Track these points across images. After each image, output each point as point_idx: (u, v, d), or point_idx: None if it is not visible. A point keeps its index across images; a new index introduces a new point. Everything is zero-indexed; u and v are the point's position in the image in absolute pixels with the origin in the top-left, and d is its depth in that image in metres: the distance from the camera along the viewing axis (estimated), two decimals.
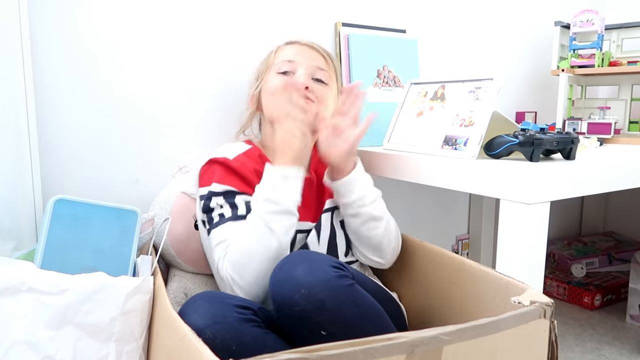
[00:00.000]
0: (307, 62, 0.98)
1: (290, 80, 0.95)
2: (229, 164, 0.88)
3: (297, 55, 0.98)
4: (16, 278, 0.66)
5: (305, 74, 0.97)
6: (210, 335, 0.64)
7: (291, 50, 1.00)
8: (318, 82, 0.98)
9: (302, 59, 0.98)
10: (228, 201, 0.85)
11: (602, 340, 1.38)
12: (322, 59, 1.01)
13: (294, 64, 0.97)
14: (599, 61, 1.46)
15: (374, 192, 0.93)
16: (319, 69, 0.98)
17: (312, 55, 1.00)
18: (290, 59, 0.98)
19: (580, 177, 0.89)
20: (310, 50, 1.00)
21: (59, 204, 0.77)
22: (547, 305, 0.65)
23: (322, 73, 0.99)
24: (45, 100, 0.96)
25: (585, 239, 1.86)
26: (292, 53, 0.99)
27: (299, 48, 1.00)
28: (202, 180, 0.90)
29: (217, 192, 0.86)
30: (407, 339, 0.54)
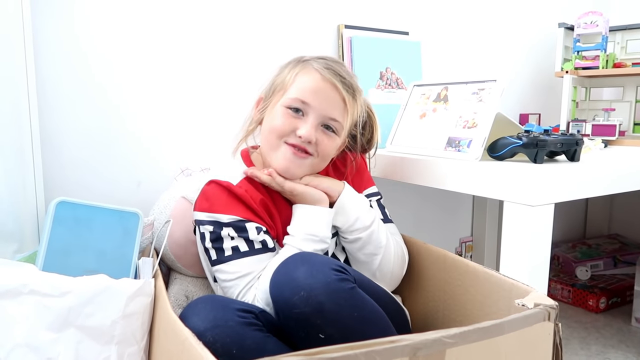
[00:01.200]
0: (321, 110, 0.84)
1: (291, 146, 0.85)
2: (233, 190, 0.82)
3: (314, 97, 0.84)
4: (18, 280, 0.66)
5: (315, 123, 0.84)
6: (211, 339, 0.63)
7: (312, 84, 0.85)
8: (326, 131, 0.86)
9: (318, 104, 0.84)
10: (241, 235, 0.80)
11: (607, 343, 1.37)
12: (342, 104, 0.86)
13: (306, 107, 0.84)
14: (603, 63, 1.45)
15: (366, 217, 0.88)
16: (332, 120, 0.85)
17: (331, 100, 0.85)
18: (305, 99, 0.84)
19: (585, 178, 0.88)
20: (332, 92, 0.85)
21: (61, 206, 0.77)
22: (552, 307, 0.64)
23: (336, 124, 0.86)
24: (47, 104, 0.96)
25: (590, 242, 1.85)
26: (311, 91, 0.84)
27: (321, 86, 0.85)
28: (204, 203, 0.83)
29: (225, 223, 0.80)
30: (409, 342, 0.53)
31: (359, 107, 0.90)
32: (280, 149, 0.85)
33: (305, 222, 0.83)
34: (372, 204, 0.96)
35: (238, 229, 0.80)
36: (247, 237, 0.80)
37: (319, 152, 0.86)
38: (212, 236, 0.81)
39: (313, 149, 0.85)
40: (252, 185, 0.85)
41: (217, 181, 0.83)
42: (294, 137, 0.84)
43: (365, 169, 1.00)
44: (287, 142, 0.84)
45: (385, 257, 0.89)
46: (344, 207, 0.88)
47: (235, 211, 0.81)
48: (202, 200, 0.83)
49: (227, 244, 0.80)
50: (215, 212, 0.81)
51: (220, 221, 0.80)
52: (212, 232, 0.81)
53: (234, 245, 0.80)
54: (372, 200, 0.97)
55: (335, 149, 0.90)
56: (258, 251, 0.81)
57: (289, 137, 0.84)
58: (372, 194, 0.98)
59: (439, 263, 0.91)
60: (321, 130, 0.85)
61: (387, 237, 0.90)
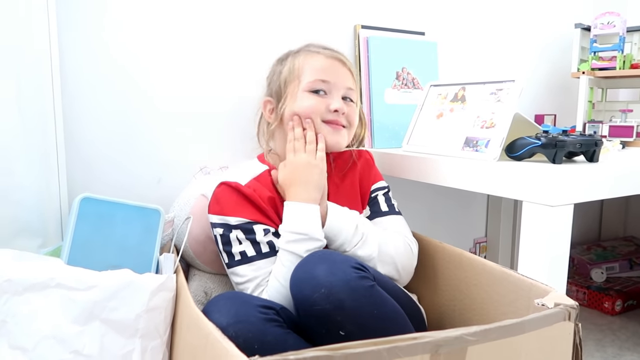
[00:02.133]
0: (340, 83, 0.92)
1: (325, 105, 0.91)
2: (241, 190, 0.85)
3: (330, 74, 0.92)
4: (45, 274, 0.67)
5: (339, 97, 0.92)
6: (233, 334, 0.64)
7: (322, 64, 0.93)
8: (347, 102, 0.94)
9: (336, 79, 0.92)
10: (248, 237, 0.83)
11: (623, 346, 1.36)
12: (351, 76, 0.95)
13: (328, 85, 0.92)
14: (620, 63, 1.44)
15: (354, 236, 0.85)
16: (349, 89, 0.94)
17: (343, 73, 0.94)
18: (324, 78, 0.91)
19: (605, 179, 0.88)
20: (341, 67, 0.94)
21: (85, 202, 0.78)
22: (572, 307, 0.64)
23: (352, 92, 0.95)
24: (71, 102, 0.98)
25: (605, 244, 1.83)
26: (325, 70, 0.92)
27: (330, 63, 0.93)
28: (215, 205, 0.86)
29: (233, 225, 0.83)
30: (432, 339, 0.54)
31: (357, 72, 1.01)
32: (321, 129, 0.91)
33: (292, 220, 0.83)
34: (379, 197, 0.98)
35: (246, 231, 0.83)
36: (255, 239, 0.83)
37: (349, 122, 0.94)
38: (223, 239, 0.84)
39: (345, 121, 0.93)
40: (260, 184, 0.88)
41: (226, 183, 0.86)
42: (329, 113, 0.91)
43: (373, 164, 1.01)
44: (324, 121, 0.91)
45: (381, 261, 0.87)
46: (331, 230, 0.85)
47: (244, 213, 0.84)
48: (213, 203, 0.87)
49: (236, 249, 0.83)
50: (225, 215, 0.84)
51: (229, 223, 0.83)
52: (222, 235, 0.84)
53: (242, 250, 0.83)
54: (379, 193, 0.98)
55: (357, 116, 0.97)
56: (265, 255, 0.83)
57: (324, 115, 0.91)
58: (378, 188, 0.99)
59: (455, 262, 0.91)
60: (343, 102, 0.93)
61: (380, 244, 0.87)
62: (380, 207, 0.96)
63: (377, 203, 0.97)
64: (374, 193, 0.98)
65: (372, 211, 0.96)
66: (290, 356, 0.48)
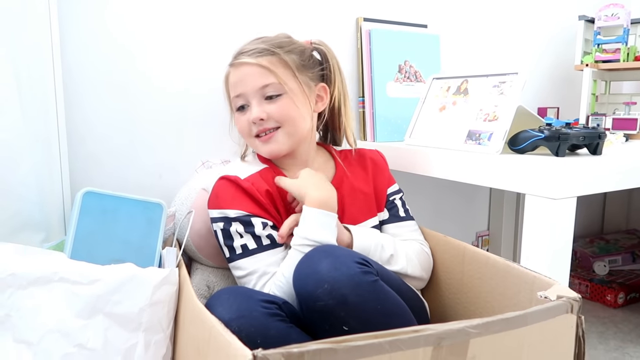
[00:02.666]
0: (250, 89, 0.87)
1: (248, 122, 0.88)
2: (240, 184, 0.84)
3: (241, 85, 0.87)
4: (48, 268, 0.68)
5: (256, 103, 0.87)
6: (236, 328, 0.64)
7: (234, 79, 0.89)
8: (271, 100, 0.87)
9: (246, 87, 0.87)
10: (248, 231, 0.82)
11: (625, 338, 1.36)
12: (261, 69, 0.86)
13: (245, 97, 0.88)
14: (624, 56, 1.44)
15: (382, 254, 0.87)
16: (265, 86, 0.86)
17: (252, 74, 0.86)
18: (237, 93, 0.88)
19: (608, 172, 0.88)
20: (248, 68, 0.87)
21: (88, 196, 0.78)
22: (575, 300, 0.64)
23: (271, 87, 0.86)
24: (73, 96, 0.98)
25: (608, 237, 1.83)
26: (236, 83, 0.88)
27: (239, 73, 0.88)
28: (214, 200, 0.86)
29: (232, 218, 0.83)
30: (434, 332, 0.54)
31: (287, 54, 0.88)
32: (255, 145, 0.90)
33: (309, 228, 0.81)
34: (396, 201, 0.98)
35: (245, 224, 0.83)
36: (254, 232, 0.82)
37: (280, 120, 0.87)
38: (224, 234, 0.84)
39: (272, 123, 0.87)
40: (260, 177, 0.87)
41: (225, 176, 0.86)
42: (253, 126, 0.88)
43: (386, 167, 1.01)
44: (255, 136, 0.89)
45: (409, 275, 0.90)
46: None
47: (242, 205, 0.83)
48: (213, 198, 0.86)
49: (237, 242, 0.83)
50: (224, 208, 0.84)
51: (228, 216, 0.83)
52: (222, 229, 0.84)
53: (243, 243, 0.82)
54: (396, 197, 0.98)
55: (298, 107, 0.88)
56: (266, 247, 0.83)
57: (252, 130, 0.88)
58: (394, 192, 0.99)
59: (458, 256, 0.91)
60: (266, 103, 0.87)
61: (408, 258, 0.90)
62: (399, 212, 0.98)
63: (396, 207, 0.98)
64: (391, 197, 0.98)
65: (390, 215, 0.97)
66: (294, 349, 0.49)
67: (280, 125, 0.87)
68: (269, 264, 0.81)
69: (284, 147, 0.89)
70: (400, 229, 0.96)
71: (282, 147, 0.89)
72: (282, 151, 0.89)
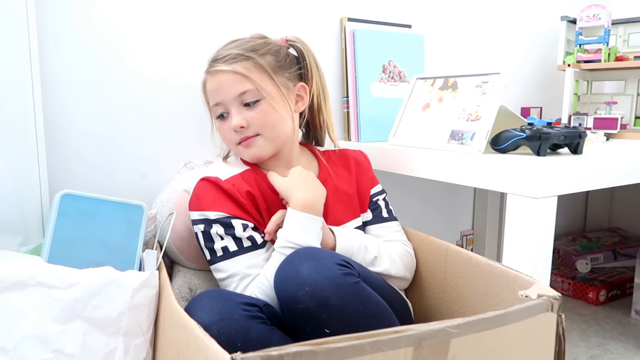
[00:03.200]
0: (229, 96, 0.86)
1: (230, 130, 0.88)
2: (220, 185, 0.83)
3: (218, 94, 0.87)
4: (25, 272, 0.66)
5: (235, 111, 0.86)
6: (216, 332, 0.64)
7: (211, 87, 0.88)
8: (250, 107, 0.86)
9: (224, 95, 0.86)
10: (228, 233, 0.81)
11: (607, 335, 1.38)
12: (238, 76, 0.85)
13: (224, 105, 0.87)
14: (605, 56, 1.45)
15: (365, 256, 0.87)
16: (242, 93, 0.85)
17: (229, 82, 0.85)
18: (216, 101, 0.88)
19: (588, 171, 0.88)
20: (224, 76, 0.86)
21: (66, 198, 0.77)
22: (555, 298, 0.64)
23: (248, 94, 0.85)
24: (52, 96, 0.96)
25: (590, 235, 1.86)
26: (214, 92, 0.88)
27: (215, 81, 0.87)
28: (195, 202, 0.85)
29: (213, 220, 0.82)
30: (415, 332, 0.54)
31: (262, 57, 0.87)
32: (239, 151, 0.90)
33: (293, 232, 0.80)
34: (380, 202, 0.98)
35: (225, 226, 0.82)
36: (235, 234, 0.82)
37: (261, 125, 0.86)
38: (205, 236, 0.83)
39: (252, 130, 0.87)
40: (241, 178, 0.87)
41: (206, 178, 0.85)
42: (235, 134, 0.87)
43: (369, 167, 1.01)
44: (238, 143, 0.88)
45: (392, 275, 0.90)
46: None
47: (222, 207, 0.82)
48: (193, 199, 0.86)
49: (218, 245, 0.82)
50: (204, 210, 0.83)
51: (209, 218, 0.82)
52: (203, 231, 0.83)
53: (224, 245, 0.82)
54: (379, 198, 0.98)
55: (277, 111, 0.87)
56: (247, 249, 0.82)
57: (235, 137, 0.88)
58: (378, 193, 0.99)
59: (441, 255, 0.91)
60: (245, 109, 0.86)
61: (391, 259, 0.90)
62: (382, 213, 0.98)
63: (379, 208, 0.98)
64: (374, 197, 0.98)
65: (374, 216, 0.97)
66: (273, 352, 0.48)
67: (260, 132, 0.87)
68: (250, 265, 0.81)
69: (266, 151, 0.89)
70: (383, 229, 0.96)
71: (264, 151, 0.88)
72: (265, 155, 0.89)
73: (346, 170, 0.97)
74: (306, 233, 0.80)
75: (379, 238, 0.94)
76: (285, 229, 0.80)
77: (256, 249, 0.82)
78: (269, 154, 0.89)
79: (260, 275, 0.80)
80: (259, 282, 0.79)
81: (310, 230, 0.80)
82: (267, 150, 0.88)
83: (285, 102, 0.89)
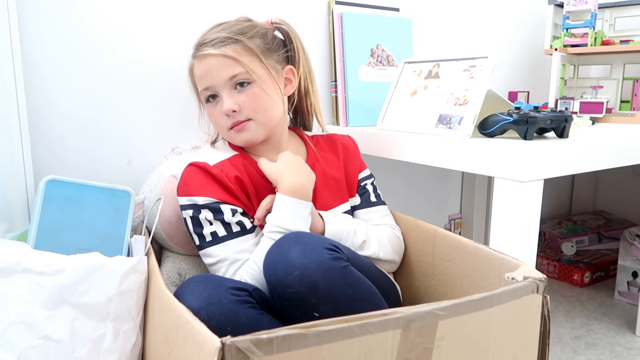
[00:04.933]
0: (219, 81, 0.84)
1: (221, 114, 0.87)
2: (208, 170, 0.83)
3: (208, 78, 0.85)
4: (11, 259, 0.66)
5: (227, 95, 0.85)
6: (205, 317, 0.64)
7: (200, 72, 0.86)
8: (241, 89, 0.85)
9: (214, 79, 0.85)
10: (217, 218, 0.81)
11: (591, 316, 1.41)
12: (228, 60, 0.84)
13: (213, 89, 0.86)
14: (591, 40, 1.46)
15: (354, 240, 0.88)
16: (233, 76, 0.84)
17: (218, 65, 0.84)
18: (205, 86, 0.86)
19: (574, 155, 0.89)
20: (213, 60, 0.84)
21: (51, 184, 0.76)
22: (540, 280, 0.66)
23: (239, 77, 0.84)
24: (35, 81, 0.94)
25: (576, 218, 1.88)
26: (203, 76, 0.86)
27: (203, 65, 0.85)
28: (183, 187, 0.84)
29: (201, 205, 0.81)
30: (402, 314, 0.55)
31: (251, 40, 0.86)
32: (230, 136, 0.88)
33: (282, 217, 0.80)
34: (368, 186, 0.99)
35: (214, 211, 0.81)
36: (223, 220, 0.81)
37: (252, 110, 0.85)
38: (193, 221, 0.82)
39: (244, 115, 0.86)
40: (229, 163, 0.86)
41: (194, 163, 0.84)
42: (227, 118, 0.86)
43: (357, 152, 1.01)
44: (230, 128, 0.87)
45: (381, 259, 0.91)
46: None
47: (211, 192, 0.82)
48: (181, 185, 0.85)
49: (207, 230, 0.82)
50: (193, 195, 0.82)
51: (197, 203, 0.82)
52: (192, 217, 0.82)
53: (212, 230, 0.82)
54: (367, 182, 0.99)
55: (268, 94, 0.87)
56: (236, 234, 0.82)
57: (227, 122, 0.86)
58: (366, 177, 0.99)
59: (429, 239, 0.92)
60: (236, 93, 0.85)
61: (380, 243, 0.91)
62: (370, 197, 0.98)
63: (367, 192, 0.98)
64: (362, 182, 0.99)
65: (362, 200, 0.98)
66: (263, 335, 0.48)
67: (251, 117, 0.86)
68: (239, 250, 0.81)
69: (258, 135, 0.88)
70: (371, 213, 0.97)
71: (256, 135, 0.88)
72: (257, 139, 0.88)
73: (334, 155, 0.97)
74: (295, 218, 0.80)
75: (367, 222, 0.94)
76: (274, 214, 0.80)
77: (245, 234, 0.82)
78: (261, 138, 0.88)
79: (249, 260, 0.80)
80: (248, 266, 0.79)
81: (299, 215, 0.80)
82: (260, 134, 0.88)
83: (275, 85, 0.88)
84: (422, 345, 0.57)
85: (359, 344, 0.52)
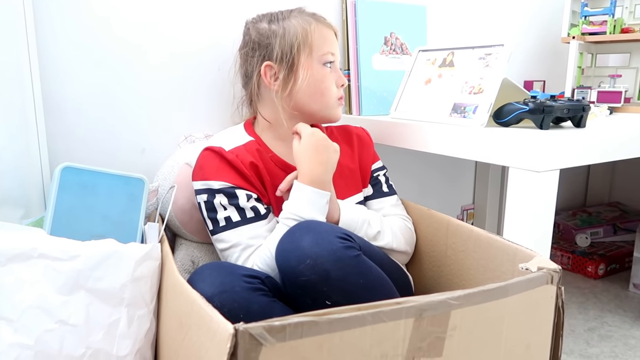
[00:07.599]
0: (338, 56, 0.94)
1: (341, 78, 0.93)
2: (224, 155, 0.83)
3: (332, 45, 0.92)
4: (27, 244, 0.66)
5: (339, 70, 0.94)
6: (218, 304, 0.64)
7: (324, 35, 0.91)
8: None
9: (334, 49, 0.93)
10: (232, 203, 0.82)
11: (605, 308, 1.40)
12: (336, 40, 0.95)
13: (334, 57, 0.92)
14: (610, 28, 1.43)
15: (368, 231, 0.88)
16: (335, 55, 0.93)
17: (334, 40, 0.94)
18: (333, 51, 0.92)
19: (591, 145, 0.88)
20: (332, 33, 0.94)
21: (66, 171, 0.77)
22: (555, 271, 0.65)
23: (337, 57, 0.94)
24: (50, 68, 0.95)
25: (590, 209, 1.86)
26: (332, 42, 0.92)
27: (326, 32, 0.92)
28: (198, 172, 0.85)
29: (216, 189, 0.82)
30: (415, 303, 0.54)
31: None
32: (334, 105, 0.93)
33: (299, 205, 0.80)
34: (380, 177, 0.99)
35: (229, 195, 0.82)
36: (238, 205, 0.82)
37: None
38: (207, 206, 0.83)
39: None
40: (244, 149, 0.86)
41: (210, 148, 0.85)
42: (338, 90, 0.92)
43: (371, 144, 1.01)
44: (338, 98, 0.93)
45: (394, 250, 0.91)
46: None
47: (226, 177, 0.82)
48: (197, 169, 0.85)
49: (221, 215, 0.82)
50: (208, 179, 0.83)
51: (212, 188, 0.82)
52: (206, 201, 0.83)
53: (227, 215, 0.82)
54: (380, 173, 0.99)
55: None
56: (250, 220, 0.82)
57: (336, 92, 0.92)
58: (379, 169, 1.00)
59: (442, 229, 0.92)
60: None
61: (393, 234, 0.91)
62: (382, 188, 0.99)
63: (380, 183, 0.99)
64: (375, 173, 0.99)
65: (374, 190, 0.98)
66: (275, 322, 0.49)
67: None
68: (253, 236, 0.81)
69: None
70: (382, 203, 0.97)
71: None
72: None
73: (348, 146, 0.97)
74: (310, 207, 0.80)
75: (378, 212, 0.94)
76: (291, 201, 0.80)
77: (259, 220, 0.82)
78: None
79: (262, 246, 0.80)
80: (262, 252, 0.79)
81: (316, 204, 0.80)
82: None
83: None
84: (434, 335, 0.56)
85: (371, 332, 0.52)
